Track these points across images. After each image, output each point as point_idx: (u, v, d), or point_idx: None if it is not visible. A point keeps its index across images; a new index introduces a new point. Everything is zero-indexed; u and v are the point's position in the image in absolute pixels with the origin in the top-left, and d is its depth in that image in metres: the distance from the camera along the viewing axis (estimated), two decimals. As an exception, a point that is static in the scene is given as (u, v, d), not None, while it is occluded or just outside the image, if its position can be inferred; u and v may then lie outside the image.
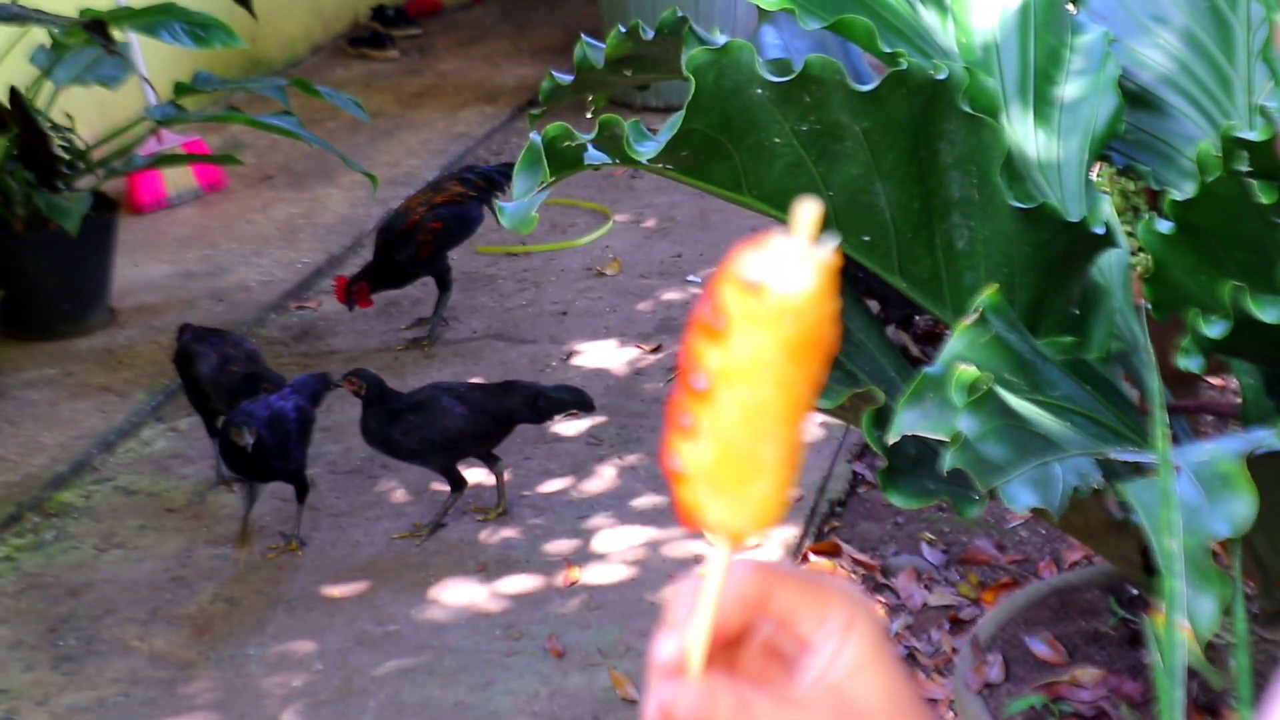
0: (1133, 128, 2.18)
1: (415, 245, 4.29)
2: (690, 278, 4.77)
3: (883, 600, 3.23)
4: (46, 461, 3.78)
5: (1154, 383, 1.70)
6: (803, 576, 0.68)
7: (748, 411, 0.66)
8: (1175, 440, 2.06)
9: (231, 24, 4.45)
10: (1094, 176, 2.20)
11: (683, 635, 0.66)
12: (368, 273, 4.33)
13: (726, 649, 0.67)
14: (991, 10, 2.13)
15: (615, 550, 3.42)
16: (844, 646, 0.66)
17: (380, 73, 6.80)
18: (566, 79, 2.20)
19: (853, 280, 2.21)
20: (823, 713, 0.65)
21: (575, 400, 3.51)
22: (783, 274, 0.66)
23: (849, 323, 2.04)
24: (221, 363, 3.58)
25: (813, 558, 3.31)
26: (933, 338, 3.94)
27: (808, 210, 0.66)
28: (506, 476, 3.57)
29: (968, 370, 1.64)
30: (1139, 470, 1.71)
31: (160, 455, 3.85)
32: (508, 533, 3.50)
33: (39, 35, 4.52)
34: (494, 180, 4.42)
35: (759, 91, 1.77)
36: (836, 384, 1.87)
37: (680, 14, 2.10)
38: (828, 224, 0.64)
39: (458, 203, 4.36)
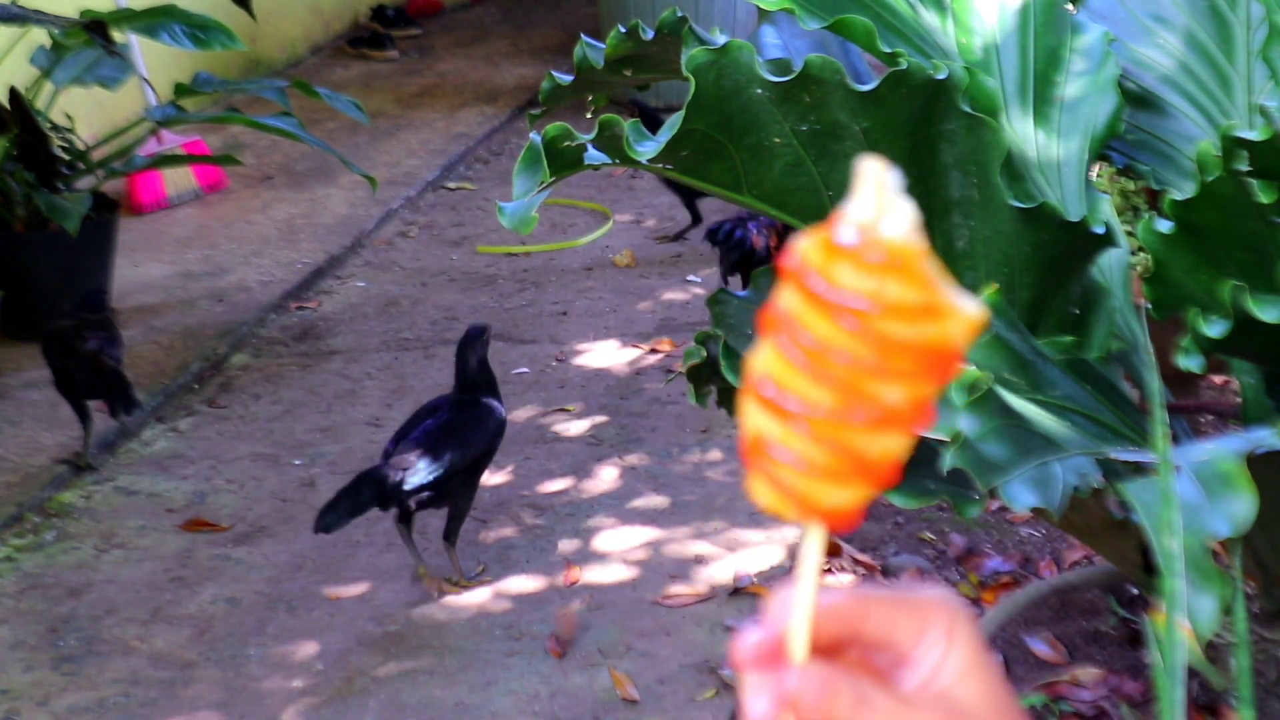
0: (1133, 128, 2.18)
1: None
2: (690, 278, 4.77)
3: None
4: (46, 461, 3.78)
5: (1154, 382, 1.70)
6: (894, 596, 0.65)
7: (847, 380, 0.59)
8: (1175, 440, 2.06)
9: (231, 25, 4.45)
10: (1094, 176, 2.20)
11: (783, 626, 0.63)
12: None
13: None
14: (991, 10, 2.14)
15: (615, 550, 3.42)
16: (948, 656, 0.64)
17: (380, 73, 6.80)
18: (566, 79, 2.20)
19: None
20: (935, 713, 0.63)
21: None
22: (882, 222, 0.60)
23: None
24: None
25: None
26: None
27: (873, 171, 0.59)
28: (507, 477, 3.55)
29: (968, 370, 1.64)
30: (1139, 470, 1.71)
31: (160, 455, 3.85)
32: (508, 533, 3.50)
33: (39, 36, 4.52)
34: None
35: (759, 91, 1.77)
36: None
37: (680, 14, 2.10)
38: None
39: None
